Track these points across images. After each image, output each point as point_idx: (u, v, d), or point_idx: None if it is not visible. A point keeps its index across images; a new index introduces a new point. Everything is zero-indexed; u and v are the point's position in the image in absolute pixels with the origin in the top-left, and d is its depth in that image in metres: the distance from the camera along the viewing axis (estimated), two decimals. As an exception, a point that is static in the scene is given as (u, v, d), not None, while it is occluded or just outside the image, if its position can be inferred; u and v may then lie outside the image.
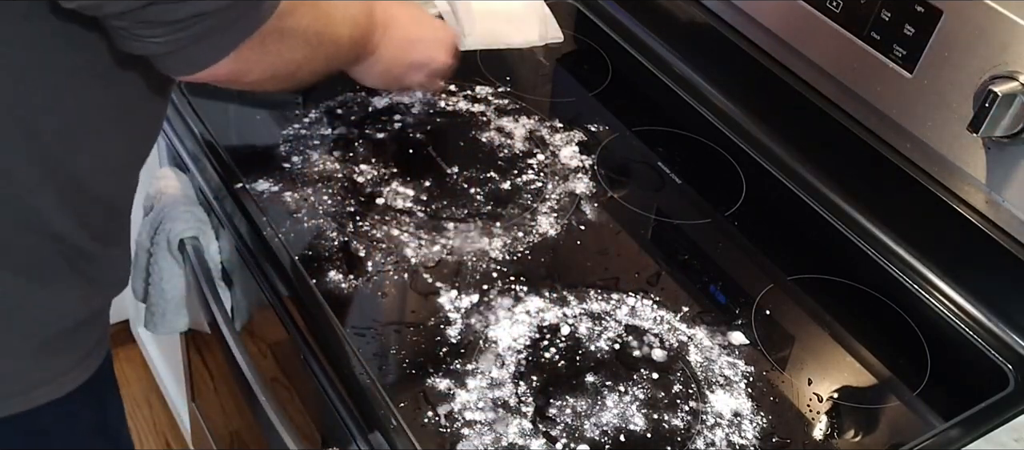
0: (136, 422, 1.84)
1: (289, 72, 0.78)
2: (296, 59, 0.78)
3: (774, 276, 0.96)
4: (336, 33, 0.84)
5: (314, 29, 0.79)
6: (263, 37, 0.69)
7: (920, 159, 0.95)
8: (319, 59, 0.82)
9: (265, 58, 0.73)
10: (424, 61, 0.99)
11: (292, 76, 0.80)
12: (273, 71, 0.76)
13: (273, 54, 0.74)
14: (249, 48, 0.69)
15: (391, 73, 0.97)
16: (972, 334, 0.91)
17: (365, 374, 0.78)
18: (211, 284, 0.94)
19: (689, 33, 1.18)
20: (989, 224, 0.91)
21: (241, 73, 0.72)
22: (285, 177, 0.97)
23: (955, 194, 0.93)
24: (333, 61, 0.87)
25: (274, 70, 0.76)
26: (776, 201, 1.05)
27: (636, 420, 0.79)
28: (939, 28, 0.88)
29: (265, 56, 0.73)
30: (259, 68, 0.74)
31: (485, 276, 0.89)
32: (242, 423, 1.22)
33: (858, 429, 0.83)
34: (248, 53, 0.69)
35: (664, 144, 1.11)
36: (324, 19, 0.81)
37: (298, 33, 0.76)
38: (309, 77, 0.84)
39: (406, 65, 0.98)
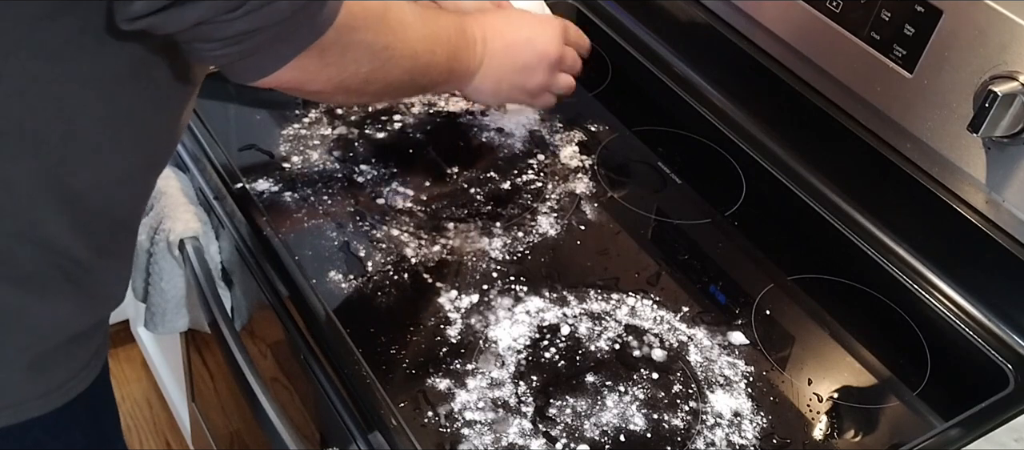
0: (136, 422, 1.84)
1: (357, 85, 0.80)
2: (361, 72, 0.79)
3: (774, 276, 0.96)
4: (410, 49, 0.84)
5: (381, 42, 0.79)
6: (322, 49, 0.70)
7: (920, 159, 0.95)
8: (393, 74, 0.83)
9: (326, 69, 0.75)
10: (535, 61, 0.97)
11: (362, 90, 0.81)
12: (339, 81, 0.77)
13: (335, 66, 0.75)
14: (308, 59, 0.70)
15: (505, 84, 0.97)
16: (972, 334, 0.91)
17: (365, 374, 0.78)
18: (211, 284, 0.94)
19: (689, 33, 1.18)
20: (989, 224, 0.91)
21: (303, 82, 0.74)
22: (285, 177, 0.97)
23: (955, 194, 0.93)
24: (417, 77, 0.87)
25: (339, 81, 0.77)
26: (776, 201, 1.05)
27: (636, 420, 0.79)
28: (939, 28, 0.88)
29: (326, 67, 0.74)
30: (321, 79, 0.75)
31: (485, 276, 0.89)
32: (242, 423, 1.22)
33: (858, 429, 0.83)
34: (307, 63, 0.71)
35: (664, 144, 1.11)
36: (394, 34, 0.81)
37: (362, 46, 0.77)
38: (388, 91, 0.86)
39: (519, 72, 0.97)
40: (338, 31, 0.70)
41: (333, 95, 0.80)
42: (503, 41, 0.95)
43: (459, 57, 0.91)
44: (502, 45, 0.94)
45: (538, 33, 0.98)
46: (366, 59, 0.78)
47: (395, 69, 0.83)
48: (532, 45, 0.97)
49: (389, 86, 0.85)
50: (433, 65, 0.88)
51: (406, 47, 0.83)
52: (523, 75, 0.97)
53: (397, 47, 0.81)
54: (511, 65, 0.96)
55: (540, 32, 0.98)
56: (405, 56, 0.83)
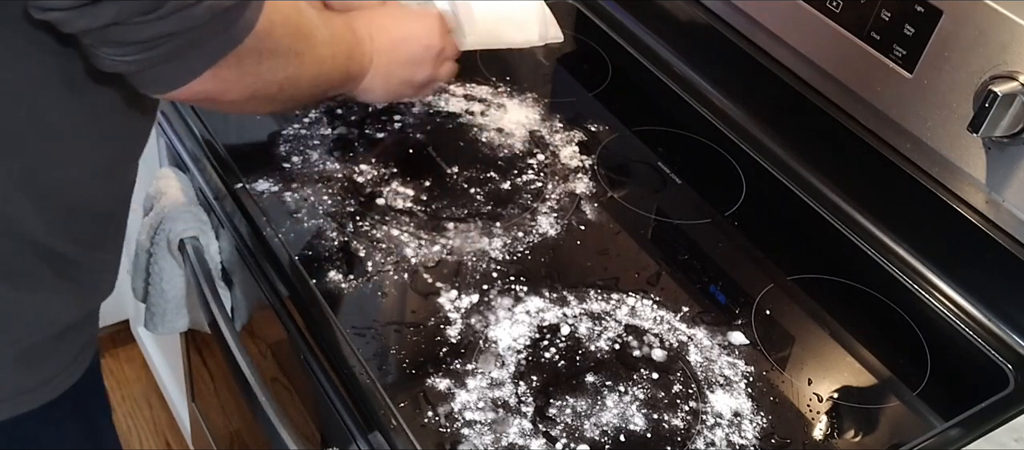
0: (136, 422, 1.84)
1: (270, 94, 0.77)
2: (276, 80, 0.76)
3: (774, 276, 0.96)
4: (318, 53, 0.82)
5: (294, 49, 0.77)
6: (239, 57, 0.67)
7: (920, 159, 0.95)
8: (303, 80, 0.80)
9: (244, 78, 0.72)
10: (421, 54, 0.96)
11: (274, 98, 0.78)
12: (253, 91, 0.74)
13: (252, 74, 0.72)
14: (226, 68, 0.67)
15: (394, 80, 0.95)
16: (972, 334, 0.91)
17: (365, 374, 0.78)
18: (211, 284, 0.94)
19: (689, 33, 1.18)
20: (989, 224, 0.91)
21: (219, 93, 0.71)
22: (285, 177, 0.97)
23: (955, 194, 0.93)
24: (321, 82, 0.85)
25: (254, 90, 0.74)
26: (776, 201, 1.05)
27: (636, 420, 0.79)
28: (939, 28, 0.88)
29: (243, 76, 0.71)
30: (238, 88, 0.72)
31: (485, 276, 0.89)
32: (242, 423, 1.22)
33: (858, 429, 0.83)
34: (225, 73, 0.68)
35: (664, 144, 1.11)
36: (305, 39, 0.79)
37: (277, 53, 0.74)
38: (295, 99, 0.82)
39: (405, 65, 0.95)
40: (256, 38, 0.67)
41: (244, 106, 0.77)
42: (389, 37, 0.93)
43: (354, 57, 0.89)
44: (388, 41, 0.93)
45: (420, 25, 0.97)
46: (281, 66, 0.75)
47: (306, 75, 0.80)
48: (417, 38, 0.96)
49: (299, 92, 0.82)
50: (335, 68, 0.86)
51: (315, 52, 0.81)
52: (411, 69, 0.95)
53: (308, 53, 0.79)
54: (399, 60, 0.94)
55: (421, 24, 0.97)
56: (315, 61, 0.81)
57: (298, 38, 0.77)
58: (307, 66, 0.80)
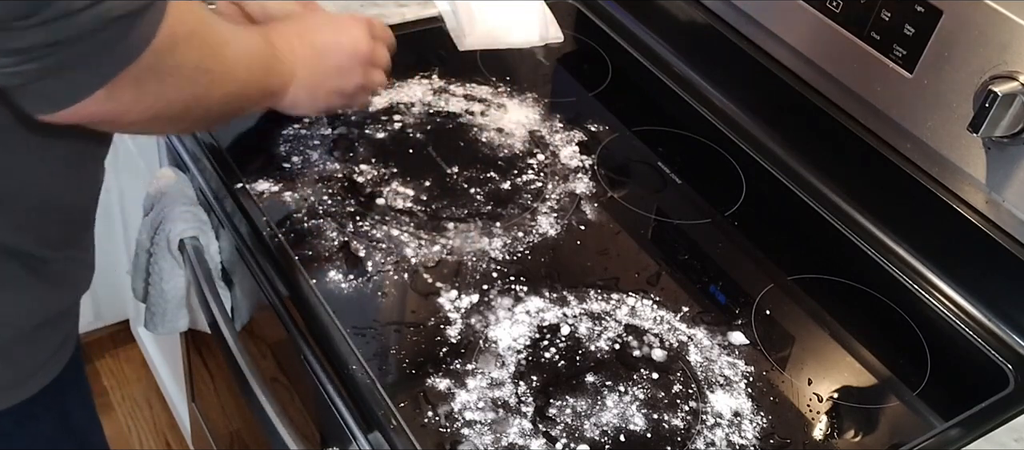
0: (136, 422, 1.84)
1: (175, 114, 0.71)
2: (182, 99, 0.70)
3: (774, 276, 0.96)
4: (230, 70, 0.76)
5: (203, 66, 0.71)
6: (137, 75, 0.62)
7: (920, 159, 0.95)
8: (214, 99, 0.75)
9: (143, 99, 0.65)
10: (347, 61, 0.91)
11: (180, 118, 0.73)
12: (155, 112, 0.68)
13: (152, 94, 0.66)
14: (122, 87, 0.61)
15: (321, 91, 0.90)
16: (972, 334, 0.91)
17: (365, 374, 0.78)
18: (211, 284, 0.94)
19: (689, 33, 1.18)
20: (989, 224, 0.91)
21: (116, 115, 0.65)
22: (285, 177, 0.97)
23: (955, 194, 0.93)
24: (235, 100, 0.80)
25: (156, 111, 0.68)
26: (776, 201, 1.05)
27: (636, 420, 0.79)
28: (939, 28, 0.88)
29: (143, 96, 0.65)
30: (137, 109, 0.66)
31: (485, 276, 0.89)
32: (242, 423, 1.22)
33: (858, 429, 0.83)
34: (121, 93, 0.62)
35: (664, 144, 1.11)
36: (214, 55, 0.72)
37: (182, 71, 0.68)
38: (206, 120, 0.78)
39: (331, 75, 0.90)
40: (156, 54, 0.62)
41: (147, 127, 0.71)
42: (311, 47, 0.88)
43: (272, 71, 0.84)
44: (311, 51, 0.88)
45: (344, 32, 0.92)
46: (186, 85, 0.69)
47: (217, 94, 0.75)
48: (341, 46, 0.91)
49: (210, 113, 0.76)
50: (252, 85, 0.81)
51: (226, 68, 0.75)
52: (338, 78, 0.91)
53: (218, 69, 0.73)
54: (324, 70, 0.89)
55: (346, 31, 0.92)
56: (226, 79, 0.75)
57: (206, 54, 0.71)
58: (218, 84, 0.74)
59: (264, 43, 0.83)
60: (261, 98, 0.86)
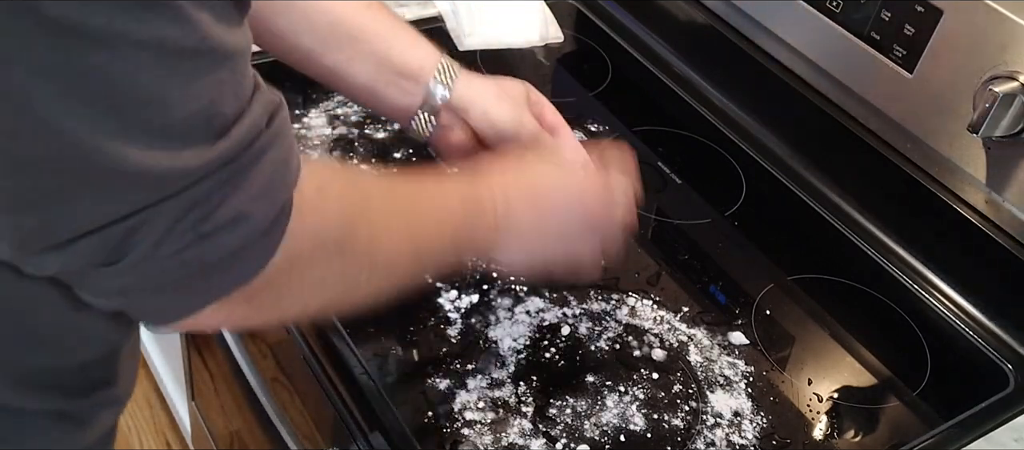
0: (136, 422, 1.84)
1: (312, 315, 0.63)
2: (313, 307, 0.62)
3: (774, 276, 0.96)
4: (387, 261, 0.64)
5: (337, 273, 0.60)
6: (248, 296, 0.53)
7: (920, 159, 0.95)
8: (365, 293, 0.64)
9: (259, 314, 0.57)
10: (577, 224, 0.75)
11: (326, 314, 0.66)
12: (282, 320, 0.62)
13: (270, 309, 0.58)
14: (230, 304, 0.53)
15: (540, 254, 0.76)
16: (972, 334, 0.91)
17: (365, 374, 0.78)
18: (211, 284, 0.94)
19: (689, 33, 1.18)
20: (989, 224, 0.91)
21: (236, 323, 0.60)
22: (285, 177, 0.97)
23: (955, 194, 0.93)
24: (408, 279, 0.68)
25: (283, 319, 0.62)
26: (776, 201, 1.05)
27: (636, 420, 0.79)
28: (939, 28, 0.88)
29: (258, 311, 0.56)
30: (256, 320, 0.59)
31: (485, 276, 0.89)
32: (242, 423, 1.22)
33: (858, 429, 0.83)
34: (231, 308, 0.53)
35: (664, 144, 1.11)
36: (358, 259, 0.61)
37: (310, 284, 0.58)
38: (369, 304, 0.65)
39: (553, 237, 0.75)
40: (274, 273, 0.52)
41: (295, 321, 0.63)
42: (530, 192, 0.74)
43: (468, 230, 0.70)
44: (529, 195, 0.74)
45: (576, 187, 0.76)
46: (316, 295, 0.59)
47: (368, 290, 0.64)
48: (569, 194, 0.75)
49: (366, 302, 0.65)
50: (427, 257, 0.69)
51: (379, 263, 0.63)
52: (565, 237, 0.76)
53: (364, 271, 0.62)
54: (544, 223, 0.75)
55: (576, 183, 0.77)
56: (380, 273, 0.64)
57: (343, 262, 0.59)
58: (366, 284, 0.63)
59: (461, 198, 0.70)
60: (453, 263, 0.76)
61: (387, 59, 0.79)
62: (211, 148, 0.46)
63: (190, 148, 0.46)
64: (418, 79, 0.80)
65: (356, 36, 0.79)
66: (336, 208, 0.58)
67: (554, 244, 0.76)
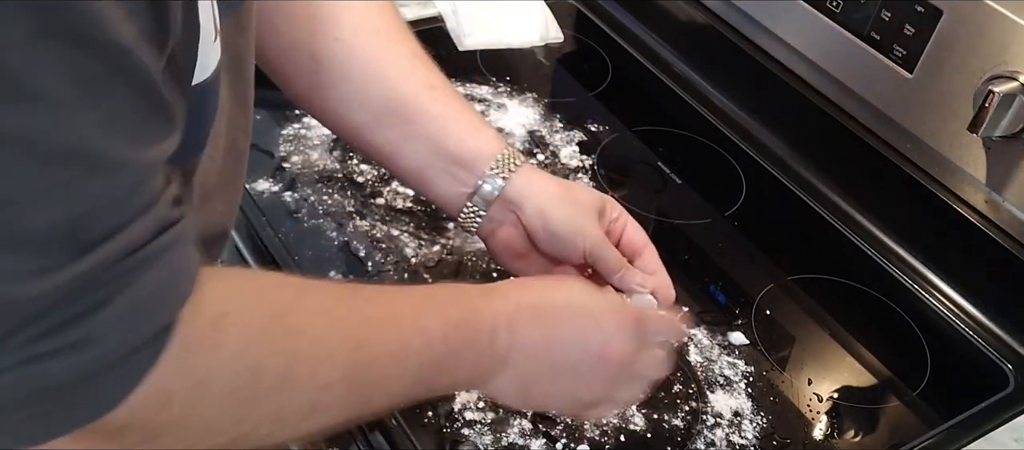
0: (136, 422, 1.84)
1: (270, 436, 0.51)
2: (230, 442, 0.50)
3: (774, 276, 0.96)
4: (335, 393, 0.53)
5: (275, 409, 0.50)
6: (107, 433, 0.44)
7: (920, 159, 0.95)
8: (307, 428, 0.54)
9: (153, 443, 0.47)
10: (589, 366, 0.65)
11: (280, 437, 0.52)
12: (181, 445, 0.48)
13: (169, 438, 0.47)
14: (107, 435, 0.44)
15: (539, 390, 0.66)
16: (972, 334, 0.91)
17: (365, 374, 0.78)
18: (211, 284, 0.94)
19: (689, 33, 1.18)
20: (989, 224, 0.91)
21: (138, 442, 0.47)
22: (285, 177, 0.97)
23: (955, 194, 0.93)
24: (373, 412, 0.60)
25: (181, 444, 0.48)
26: (776, 201, 1.05)
27: (636, 420, 0.79)
28: (939, 28, 0.88)
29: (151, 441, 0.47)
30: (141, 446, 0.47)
31: (485, 276, 0.89)
32: (242, 423, 1.22)
33: (858, 429, 0.83)
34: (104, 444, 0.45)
35: (664, 144, 1.11)
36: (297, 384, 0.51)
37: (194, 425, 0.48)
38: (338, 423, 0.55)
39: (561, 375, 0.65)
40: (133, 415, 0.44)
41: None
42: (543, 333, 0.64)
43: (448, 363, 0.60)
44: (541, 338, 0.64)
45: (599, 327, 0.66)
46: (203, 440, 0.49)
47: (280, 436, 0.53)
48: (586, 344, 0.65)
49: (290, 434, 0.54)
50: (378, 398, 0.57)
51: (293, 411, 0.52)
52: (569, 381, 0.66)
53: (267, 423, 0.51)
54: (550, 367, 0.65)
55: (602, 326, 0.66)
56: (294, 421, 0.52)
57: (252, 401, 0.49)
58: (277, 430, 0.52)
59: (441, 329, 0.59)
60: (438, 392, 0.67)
61: (443, 144, 0.73)
62: (64, 267, 0.40)
63: (42, 264, 0.39)
64: (473, 168, 0.73)
65: (412, 117, 0.73)
66: (237, 345, 0.48)
67: (559, 384, 0.66)
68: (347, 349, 0.54)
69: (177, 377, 0.45)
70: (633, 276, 0.74)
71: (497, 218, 0.74)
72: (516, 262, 0.76)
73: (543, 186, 0.74)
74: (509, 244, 0.75)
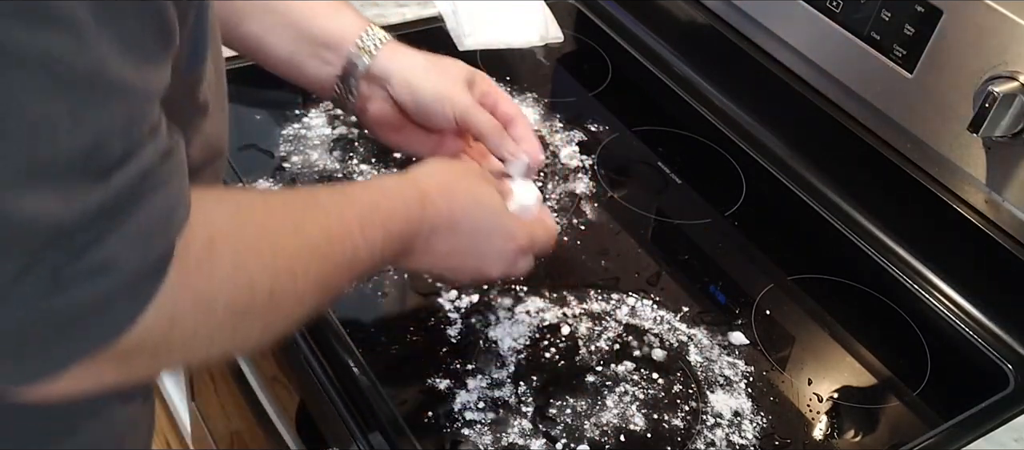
0: (136, 422, 1.84)
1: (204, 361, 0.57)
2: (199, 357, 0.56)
3: (774, 276, 0.96)
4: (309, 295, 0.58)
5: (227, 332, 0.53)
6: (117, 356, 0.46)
7: (920, 159, 0.95)
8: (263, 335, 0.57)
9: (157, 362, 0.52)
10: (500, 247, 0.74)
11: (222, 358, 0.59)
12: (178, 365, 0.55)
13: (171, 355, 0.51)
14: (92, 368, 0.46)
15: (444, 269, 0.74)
16: (972, 334, 0.91)
17: (365, 374, 0.78)
18: (211, 284, 0.94)
19: (689, 33, 1.18)
20: (989, 224, 0.91)
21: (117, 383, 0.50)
22: (285, 177, 0.97)
23: (955, 194, 0.93)
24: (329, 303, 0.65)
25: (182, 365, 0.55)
26: (776, 201, 1.05)
27: (636, 420, 0.79)
28: (939, 28, 0.88)
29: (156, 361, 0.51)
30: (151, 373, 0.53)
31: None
32: (242, 423, 1.22)
33: (858, 429, 0.83)
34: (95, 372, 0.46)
35: (664, 144, 1.11)
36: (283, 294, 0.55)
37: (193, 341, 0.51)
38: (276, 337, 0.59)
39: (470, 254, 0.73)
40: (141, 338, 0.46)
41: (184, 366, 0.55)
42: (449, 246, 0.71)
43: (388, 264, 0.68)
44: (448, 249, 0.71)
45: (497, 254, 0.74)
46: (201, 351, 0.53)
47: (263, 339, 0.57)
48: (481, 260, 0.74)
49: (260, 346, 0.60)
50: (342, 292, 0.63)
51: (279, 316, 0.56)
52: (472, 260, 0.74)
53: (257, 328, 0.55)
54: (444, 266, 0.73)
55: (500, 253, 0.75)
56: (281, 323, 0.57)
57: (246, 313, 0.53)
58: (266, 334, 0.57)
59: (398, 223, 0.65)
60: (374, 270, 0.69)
61: (306, 30, 0.77)
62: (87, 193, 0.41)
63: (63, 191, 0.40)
64: (338, 49, 0.77)
65: (272, 8, 0.77)
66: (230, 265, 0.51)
67: (464, 262, 0.73)
68: (316, 263, 0.58)
69: (182, 297, 0.47)
70: (507, 141, 0.79)
71: (367, 94, 0.79)
72: (393, 136, 0.81)
73: (408, 59, 0.79)
74: (382, 119, 0.79)
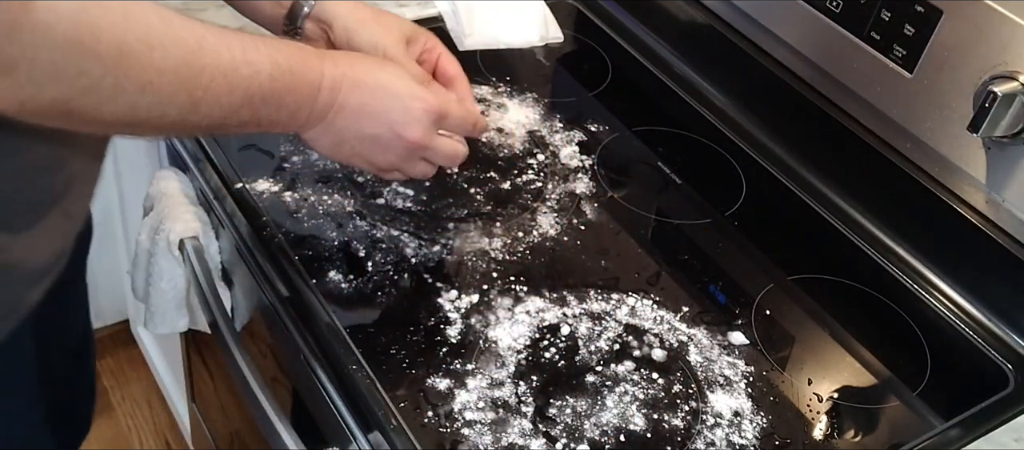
0: (136, 422, 1.84)
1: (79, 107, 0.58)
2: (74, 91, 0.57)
3: (774, 276, 0.96)
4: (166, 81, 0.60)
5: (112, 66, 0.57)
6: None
7: (920, 159, 0.95)
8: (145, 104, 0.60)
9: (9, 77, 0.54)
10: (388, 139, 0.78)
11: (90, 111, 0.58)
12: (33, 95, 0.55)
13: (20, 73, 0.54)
14: None
15: (347, 148, 0.78)
16: (972, 334, 0.91)
17: (365, 374, 0.78)
18: (211, 284, 0.94)
19: (689, 33, 1.18)
20: (989, 224, 0.91)
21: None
22: (285, 177, 0.97)
23: (955, 194, 0.93)
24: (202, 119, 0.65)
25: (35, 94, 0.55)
26: (776, 201, 1.05)
27: (636, 420, 0.79)
28: (939, 28, 0.88)
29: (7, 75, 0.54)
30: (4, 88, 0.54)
31: (485, 276, 0.89)
32: (242, 423, 1.22)
33: (858, 429, 0.83)
34: None
35: (664, 144, 1.11)
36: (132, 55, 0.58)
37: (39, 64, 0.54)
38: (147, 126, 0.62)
39: (365, 141, 0.78)
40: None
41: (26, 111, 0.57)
42: (359, 102, 0.75)
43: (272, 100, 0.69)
44: (357, 105, 0.75)
45: (404, 110, 0.78)
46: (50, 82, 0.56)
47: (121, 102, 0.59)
48: (391, 122, 0.77)
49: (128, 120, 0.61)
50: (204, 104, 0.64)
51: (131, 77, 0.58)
52: (370, 147, 0.78)
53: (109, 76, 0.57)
54: (358, 132, 0.77)
55: (407, 109, 0.78)
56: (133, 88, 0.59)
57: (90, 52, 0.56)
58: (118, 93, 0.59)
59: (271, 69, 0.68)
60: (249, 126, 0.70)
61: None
62: None
63: None
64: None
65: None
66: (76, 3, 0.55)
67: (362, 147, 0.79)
68: (180, 49, 0.61)
69: (21, 11, 0.52)
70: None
71: (311, 36, 0.85)
72: None
73: (352, 9, 0.84)
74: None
